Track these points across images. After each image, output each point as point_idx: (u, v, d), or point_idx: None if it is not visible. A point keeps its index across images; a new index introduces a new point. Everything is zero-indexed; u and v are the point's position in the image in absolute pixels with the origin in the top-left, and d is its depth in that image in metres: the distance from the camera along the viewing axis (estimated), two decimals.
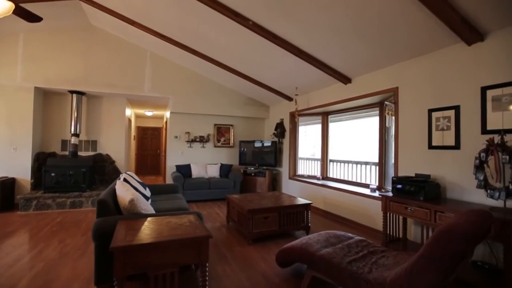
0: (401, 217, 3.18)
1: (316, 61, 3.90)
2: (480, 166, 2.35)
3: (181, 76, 5.89)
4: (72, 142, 5.10)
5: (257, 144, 6.41)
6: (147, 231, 1.88)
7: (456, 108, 2.76)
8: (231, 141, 6.71)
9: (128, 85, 5.39)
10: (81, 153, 5.38)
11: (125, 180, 2.85)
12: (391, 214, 3.07)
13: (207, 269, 1.86)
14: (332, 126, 5.49)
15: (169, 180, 6.07)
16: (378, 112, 4.23)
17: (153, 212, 2.48)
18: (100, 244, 2.06)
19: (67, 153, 5.26)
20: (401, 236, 3.16)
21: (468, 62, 2.68)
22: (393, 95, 3.52)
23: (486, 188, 2.30)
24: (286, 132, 6.16)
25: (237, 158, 6.61)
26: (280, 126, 6.23)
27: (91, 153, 5.53)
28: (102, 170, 5.54)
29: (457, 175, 2.73)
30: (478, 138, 2.54)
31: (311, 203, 3.69)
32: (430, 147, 3.01)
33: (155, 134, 9.98)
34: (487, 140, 2.25)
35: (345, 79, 4.23)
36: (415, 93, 3.21)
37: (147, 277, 1.75)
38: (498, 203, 2.26)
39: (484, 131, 2.52)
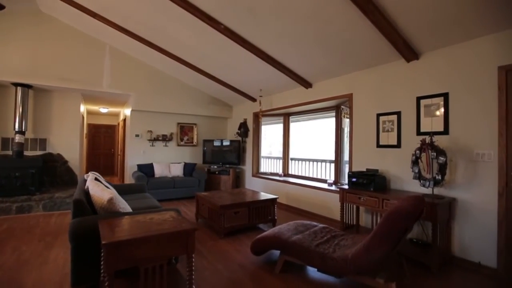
0: (355, 207, 3.66)
1: (281, 67, 4.22)
2: (415, 162, 2.89)
3: (144, 72, 5.72)
4: (17, 141, 4.59)
5: (221, 143, 6.53)
6: (134, 227, 1.93)
7: (398, 114, 3.32)
8: (195, 140, 6.71)
9: (84, 80, 5.05)
10: (27, 153, 4.87)
11: (96, 179, 2.77)
12: (347, 204, 3.53)
13: (193, 259, 1.99)
14: (293, 126, 5.92)
15: (129, 180, 5.84)
16: (334, 114, 4.73)
17: (131, 210, 2.49)
18: (77, 245, 2.03)
19: (9, 152, 4.72)
20: (355, 223, 3.65)
21: (407, 76, 3.25)
22: (348, 100, 4.01)
23: (420, 179, 2.84)
24: (249, 132, 6.41)
25: (200, 157, 6.64)
26: (243, 126, 6.45)
27: (39, 152, 5.04)
28: (53, 171, 5.09)
29: (398, 169, 3.29)
30: (414, 139, 3.11)
31: (277, 198, 3.99)
32: (378, 146, 3.55)
33: (109, 132, 9.35)
34: (420, 140, 2.79)
35: (307, 84, 4.64)
36: (367, 99, 3.73)
37: (135, 272, 1.82)
38: (428, 191, 2.82)
39: (419, 133, 3.10)
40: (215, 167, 6.41)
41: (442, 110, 2.90)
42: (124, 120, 6.86)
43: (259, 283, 2.33)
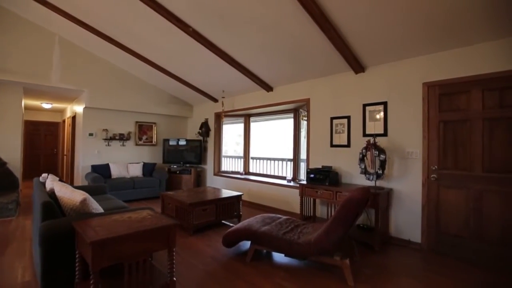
0: (312, 200, 4.10)
1: (246, 71, 4.46)
2: (362, 159, 3.41)
3: (100, 68, 5.41)
4: None
5: (182, 143, 6.51)
6: (116, 226, 1.97)
7: (348, 118, 3.84)
8: (154, 139, 6.55)
9: (29, 72, 4.59)
10: None
11: (60, 180, 2.65)
12: (305, 198, 3.94)
13: (174, 253, 2.11)
14: (253, 126, 6.21)
15: (80, 182, 5.46)
16: (293, 116, 5.16)
17: (103, 211, 2.47)
18: (49, 249, 1.99)
19: None
20: (312, 214, 4.10)
21: (355, 85, 3.78)
22: (306, 104, 4.45)
23: (365, 173, 3.37)
24: (211, 131, 6.52)
25: (160, 156, 6.52)
26: (205, 126, 6.53)
27: None
28: None
29: (348, 166, 3.81)
30: (361, 139, 3.65)
31: (242, 194, 4.23)
32: (332, 145, 4.04)
33: (50, 130, 8.45)
34: (366, 141, 3.32)
35: (268, 88, 4.98)
36: (322, 104, 4.20)
37: (115, 271, 1.88)
38: (372, 183, 3.37)
39: (364, 134, 3.65)
40: (175, 166, 6.37)
41: (382, 115, 3.48)
42: (73, 117, 6.34)
43: (233, 272, 2.54)
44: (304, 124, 4.82)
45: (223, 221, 4.05)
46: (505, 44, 2.65)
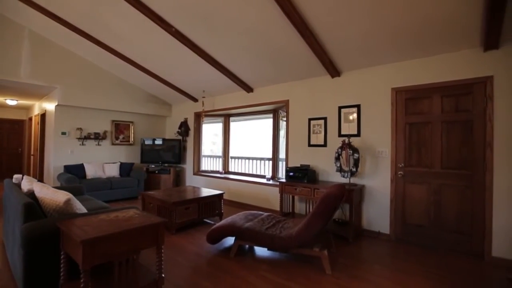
0: (291, 196, 4.30)
1: (227, 72, 4.55)
2: (337, 158, 3.66)
3: (73, 64, 5.20)
4: None
5: (160, 142, 6.44)
6: (104, 225, 1.99)
7: (325, 119, 4.08)
8: (131, 139, 6.41)
9: None
10: None
11: (39, 181, 2.58)
12: (285, 195, 4.13)
13: (162, 251, 2.17)
14: (233, 126, 6.30)
15: (52, 183, 5.21)
16: (272, 117, 5.33)
17: (86, 211, 2.45)
18: (31, 250, 1.97)
19: None
20: (291, 210, 4.30)
21: (331, 88, 4.03)
22: (285, 105, 4.64)
23: (341, 171, 3.62)
24: (190, 131, 6.51)
25: (138, 156, 6.39)
26: (184, 125, 6.51)
27: None
28: None
29: (325, 164, 4.05)
30: (336, 140, 3.90)
31: (224, 193, 4.32)
32: (309, 145, 4.26)
33: (15, 128, 7.91)
34: (341, 141, 3.57)
35: (249, 89, 5.10)
36: (300, 106, 4.41)
37: (104, 269, 1.91)
38: (346, 180, 3.63)
39: (340, 135, 3.91)
40: (153, 166, 6.29)
41: (356, 117, 3.76)
42: (43, 115, 6.01)
43: (218, 267, 2.64)
44: (283, 124, 5.01)
45: (205, 220, 4.11)
46: (460, 56, 3.01)
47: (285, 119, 4.69)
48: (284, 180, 4.07)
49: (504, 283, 2.39)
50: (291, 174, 3.95)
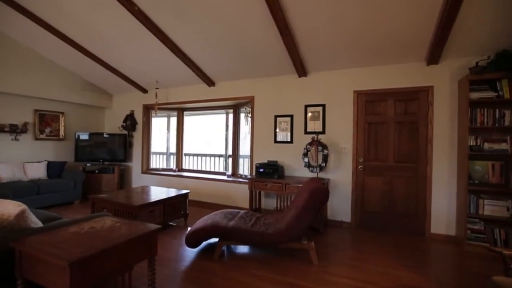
0: (258, 193, 4.32)
1: (190, 62, 4.23)
2: (306, 154, 3.86)
3: None
4: None
5: (101, 137, 5.59)
6: (85, 240, 1.63)
7: (291, 116, 4.24)
8: (62, 133, 5.37)
9: None
10: None
11: None
12: (254, 191, 4.13)
13: (155, 262, 1.91)
14: (186, 121, 5.94)
15: None
16: (232, 112, 5.23)
17: (42, 225, 1.95)
18: None
19: None
20: (258, 206, 4.33)
21: (298, 87, 4.20)
22: (250, 102, 4.62)
23: (309, 167, 3.83)
24: (137, 125, 5.85)
25: (71, 153, 5.39)
26: (130, 118, 5.81)
27: None
28: None
29: (291, 160, 4.22)
30: (303, 136, 4.11)
31: (189, 192, 4.05)
32: (275, 141, 4.36)
33: None
34: (311, 138, 3.77)
35: (210, 82, 4.87)
36: (266, 103, 4.45)
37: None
38: (314, 175, 3.86)
39: (306, 132, 4.12)
40: (89, 164, 5.42)
41: (321, 116, 4.02)
42: None
43: (205, 271, 2.48)
44: (245, 120, 4.97)
45: (169, 223, 3.79)
46: (410, 67, 3.54)
47: (250, 115, 4.67)
48: (253, 177, 4.06)
49: (439, 253, 2.96)
50: (261, 170, 3.97)
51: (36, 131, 4.96)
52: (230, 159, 5.33)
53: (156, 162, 6.07)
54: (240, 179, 4.74)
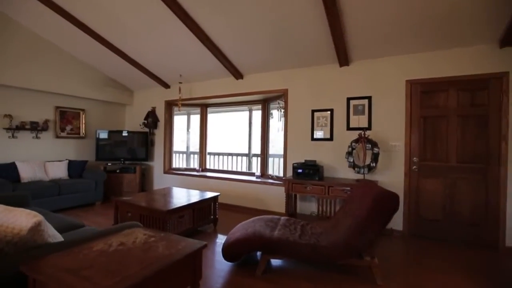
0: (293, 196, 3.89)
1: (218, 51, 3.85)
2: (350, 152, 3.40)
3: (4, 31, 3.81)
4: None
5: (122, 135, 5.34)
6: (115, 262, 1.26)
7: (331, 111, 3.78)
8: (82, 131, 5.15)
9: None
10: None
11: None
12: (288, 194, 3.71)
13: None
14: (210, 118, 5.60)
15: None
16: (261, 108, 4.82)
17: (62, 238, 1.62)
18: None
19: None
20: (293, 211, 3.91)
21: (339, 78, 3.74)
22: (284, 95, 4.19)
23: (354, 167, 3.37)
24: (159, 122, 5.56)
25: (92, 152, 5.17)
26: (151, 115, 5.52)
27: None
28: None
29: (332, 160, 3.77)
30: (345, 133, 3.65)
31: (219, 195, 3.69)
32: (313, 139, 3.92)
33: None
34: (358, 134, 3.31)
35: (238, 75, 4.48)
36: (302, 96, 4.01)
37: None
38: (361, 176, 3.40)
39: (348, 128, 3.66)
40: (110, 164, 5.18)
41: (367, 109, 3.54)
42: None
43: None
44: (276, 116, 4.56)
45: (198, 228, 3.44)
46: (477, 51, 3.01)
47: (283, 110, 4.25)
48: (289, 178, 3.64)
49: None
50: (300, 171, 3.55)
51: (57, 128, 4.74)
52: (257, 158, 4.94)
53: (177, 162, 5.77)
54: (271, 180, 4.34)
